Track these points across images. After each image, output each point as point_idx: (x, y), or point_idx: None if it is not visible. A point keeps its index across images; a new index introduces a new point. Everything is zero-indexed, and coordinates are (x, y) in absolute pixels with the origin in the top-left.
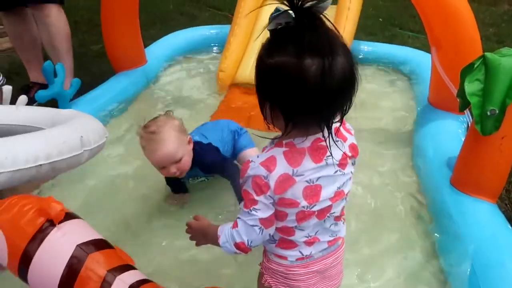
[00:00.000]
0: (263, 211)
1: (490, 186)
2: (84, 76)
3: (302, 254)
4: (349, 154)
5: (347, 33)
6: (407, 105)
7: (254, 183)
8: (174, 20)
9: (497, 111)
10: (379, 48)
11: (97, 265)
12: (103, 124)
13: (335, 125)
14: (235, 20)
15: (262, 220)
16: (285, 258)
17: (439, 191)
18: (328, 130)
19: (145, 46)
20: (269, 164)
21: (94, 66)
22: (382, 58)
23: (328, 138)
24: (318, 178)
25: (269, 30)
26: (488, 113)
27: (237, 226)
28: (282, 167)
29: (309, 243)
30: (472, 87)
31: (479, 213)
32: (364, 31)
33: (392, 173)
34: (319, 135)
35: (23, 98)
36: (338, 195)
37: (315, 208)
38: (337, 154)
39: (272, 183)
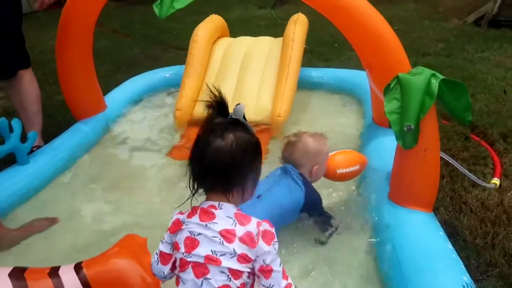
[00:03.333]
0: (165, 245)
1: (422, 196)
2: (50, 126)
3: None
4: (238, 235)
5: (293, 61)
6: (357, 125)
7: None
8: (139, 64)
9: (413, 127)
10: (328, 73)
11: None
12: (66, 171)
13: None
14: (188, 61)
15: (161, 252)
16: None
17: (379, 206)
18: (227, 193)
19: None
20: (184, 212)
21: (59, 116)
22: (332, 82)
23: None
24: (199, 233)
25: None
26: (405, 129)
27: None
28: (183, 215)
29: None
30: (390, 105)
31: (412, 224)
32: (321, 58)
33: (343, 189)
34: (216, 203)
35: None
36: (213, 259)
37: (190, 259)
38: (222, 224)
39: (170, 224)
